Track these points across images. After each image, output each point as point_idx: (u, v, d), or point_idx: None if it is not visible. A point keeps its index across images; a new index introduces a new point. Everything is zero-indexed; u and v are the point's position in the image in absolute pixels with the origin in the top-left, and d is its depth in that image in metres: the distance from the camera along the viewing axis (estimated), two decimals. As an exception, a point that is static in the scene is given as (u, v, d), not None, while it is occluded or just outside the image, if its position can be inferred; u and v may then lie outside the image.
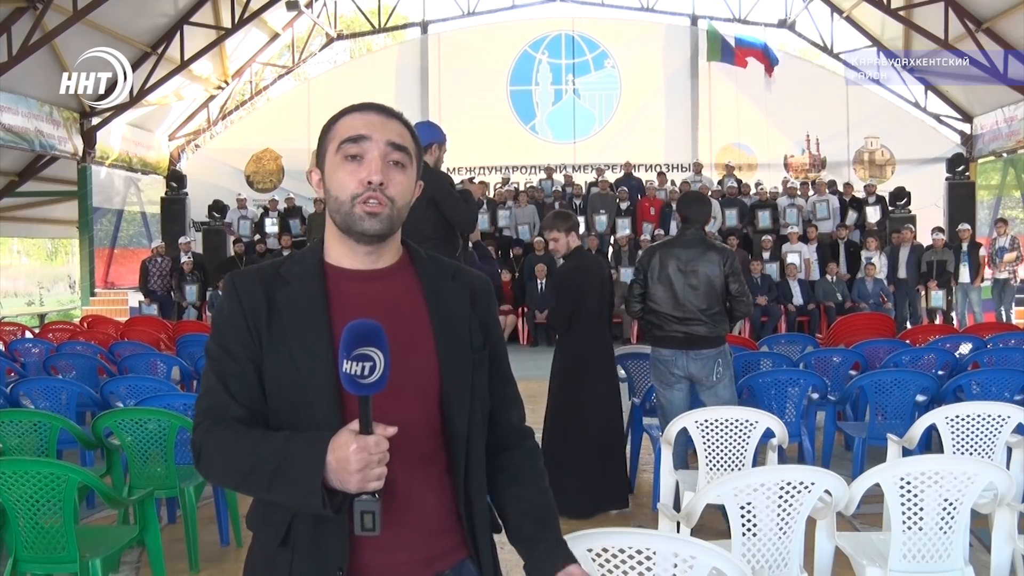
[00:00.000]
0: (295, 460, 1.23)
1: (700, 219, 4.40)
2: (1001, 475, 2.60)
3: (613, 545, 1.86)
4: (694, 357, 4.23)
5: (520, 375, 1.55)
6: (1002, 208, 16.09)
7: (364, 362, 1.18)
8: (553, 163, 16.13)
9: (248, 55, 17.53)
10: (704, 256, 4.24)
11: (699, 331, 4.22)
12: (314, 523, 1.31)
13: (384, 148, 1.34)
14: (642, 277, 4.36)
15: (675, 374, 4.28)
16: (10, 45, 11.44)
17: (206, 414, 1.34)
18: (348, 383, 1.19)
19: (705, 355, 4.22)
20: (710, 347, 4.23)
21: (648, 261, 4.36)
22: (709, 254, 4.25)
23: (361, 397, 1.19)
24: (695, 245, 4.27)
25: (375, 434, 1.20)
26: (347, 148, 1.34)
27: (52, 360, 6.32)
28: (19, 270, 25.89)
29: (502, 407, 1.49)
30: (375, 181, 1.33)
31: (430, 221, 3.98)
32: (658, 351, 4.34)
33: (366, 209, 1.33)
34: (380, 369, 1.18)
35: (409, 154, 1.38)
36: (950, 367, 5.61)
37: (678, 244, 4.32)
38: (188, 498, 3.81)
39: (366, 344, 1.18)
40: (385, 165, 1.34)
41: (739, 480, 2.43)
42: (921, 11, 14.09)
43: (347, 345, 1.18)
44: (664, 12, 17.70)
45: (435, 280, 1.42)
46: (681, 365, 4.25)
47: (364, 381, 1.18)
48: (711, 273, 4.21)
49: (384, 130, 1.36)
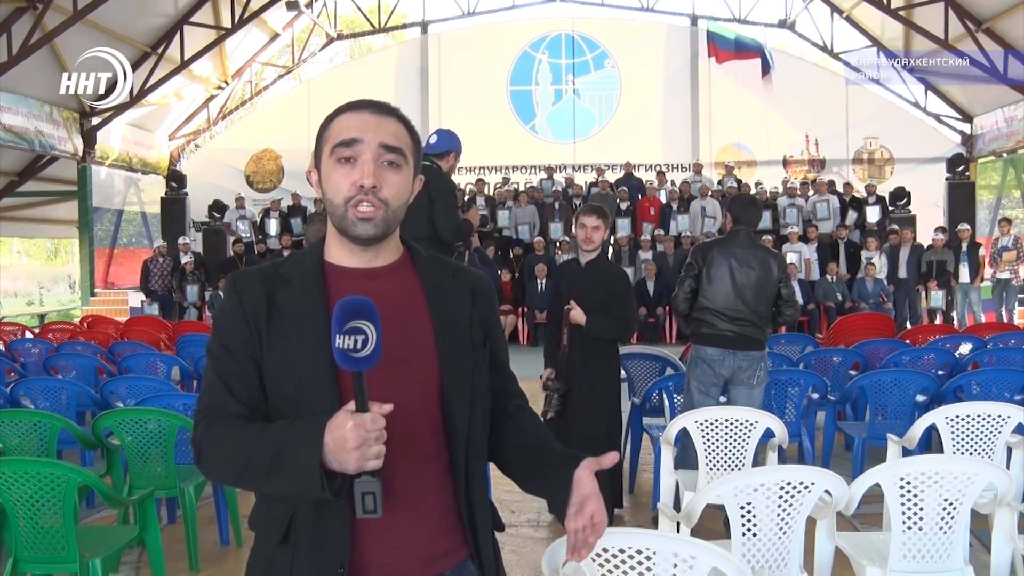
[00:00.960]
0: (292, 445, 1.23)
1: (752, 221, 4.37)
2: (1001, 475, 2.60)
3: (613, 545, 1.86)
4: (742, 358, 4.20)
5: (520, 375, 1.55)
6: (1002, 208, 16.09)
7: (356, 335, 1.18)
8: (553, 163, 16.14)
9: (248, 55, 17.54)
10: (759, 259, 4.22)
11: (748, 332, 4.20)
12: (314, 520, 1.31)
13: (377, 150, 1.34)
14: (695, 273, 4.29)
15: (719, 374, 4.23)
16: (10, 45, 11.44)
17: (206, 412, 1.35)
18: (341, 358, 1.19)
19: (752, 356, 4.21)
20: (756, 349, 4.22)
21: (703, 258, 4.28)
22: (765, 258, 4.24)
23: (355, 374, 1.20)
24: (749, 247, 4.25)
25: (371, 411, 1.20)
26: (340, 152, 1.34)
27: (52, 360, 6.32)
28: (19, 270, 25.88)
29: (504, 399, 1.50)
30: (367, 185, 1.32)
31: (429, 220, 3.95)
32: (703, 350, 4.25)
33: (358, 214, 1.33)
34: (372, 343, 1.19)
35: (404, 154, 1.37)
36: (950, 367, 5.61)
37: (734, 244, 4.27)
38: (188, 498, 3.81)
39: (357, 318, 1.19)
40: (378, 167, 1.34)
41: (739, 480, 2.43)
42: (921, 11, 14.09)
43: (339, 320, 1.19)
44: (664, 12, 17.70)
45: (436, 278, 1.43)
46: (728, 365, 4.21)
47: (357, 355, 1.18)
48: (766, 276, 4.20)
49: (377, 131, 1.35)
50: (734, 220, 4.38)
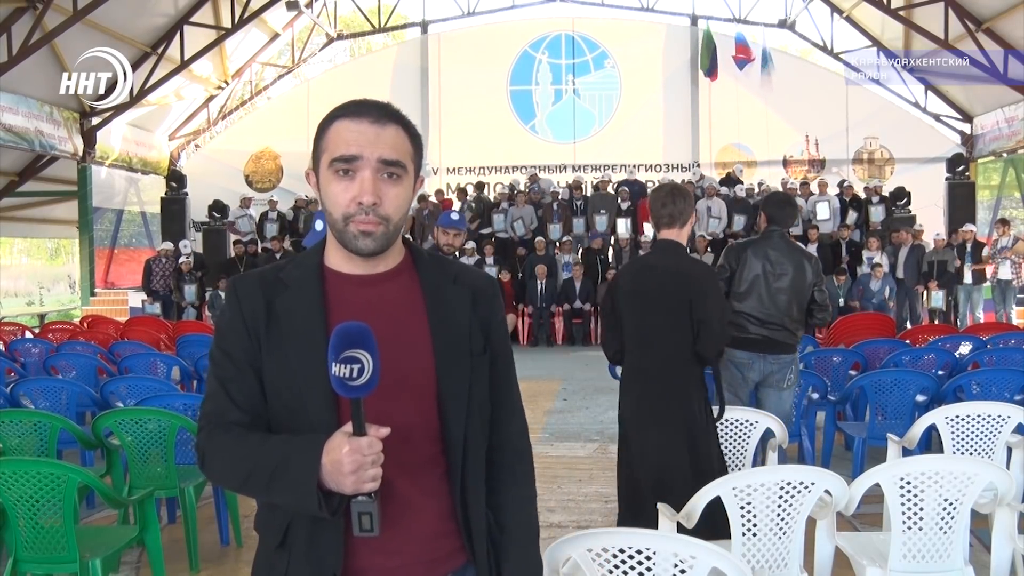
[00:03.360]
0: (291, 463, 1.24)
1: (786, 222, 4.23)
2: (1001, 475, 2.59)
3: (613, 545, 1.86)
4: (772, 361, 4.08)
5: (520, 375, 1.55)
6: (1002, 208, 16.09)
7: (352, 364, 1.17)
8: (552, 163, 16.13)
9: (248, 55, 17.53)
10: (794, 261, 4.08)
11: (778, 336, 4.08)
12: (310, 526, 1.31)
13: (376, 166, 1.31)
14: (727, 276, 4.12)
15: (749, 378, 4.11)
16: (10, 45, 11.44)
17: (208, 418, 1.35)
18: (338, 386, 1.18)
19: (783, 360, 4.10)
20: (787, 352, 4.12)
21: (736, 259, 4.12)
22: (800, 260, 4.10)
23: (352, 399, 1.19)
24: (783, 248, 4.11)
25: (368, 435, 1.20)
26: (339, 166, 1.32)
27: (52, 360, 6.32)
28: (19, 270, 25.88)
29: (502, 414, 1.47)
30: (367, 203, 1.30)
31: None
32: (733, 353, 4.07)
33: (360, 228, 1.31)
34: (369, 371, 1.18)
35: (403, 166, 1.34)
36: (950, 367, 5.61)
37: (767, 245, 4.12)
38: (188, 498, 3.81)
39: (354, 347, 1.18)
40: (378, 181, 1.31)
41: (739, 480, 2.43)
42: (921, 11, 14.08)
43: (335, 348, 1.18)
44: (664, 12, 17.69)
45: (436, 283, 1.41)
46: (758, 369, 4.09)
47: (353, 384, 1.18)
48: (800, 280, 4.07)
49: (376, 145, 1.31)
50: (768, 220, 4.22)
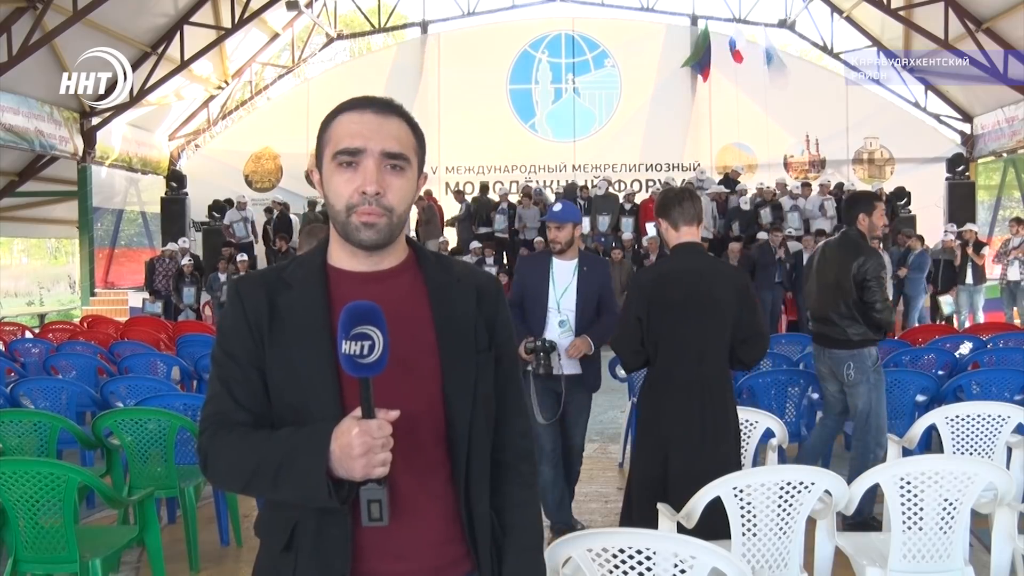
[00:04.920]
0: (299, 453, 1.23)
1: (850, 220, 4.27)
2: (1001, 475, 2.60)
3: (613, 545, 1.86)
4: (828, 355, 4.28)
5: (520, 375, 1.55)
6: (1002, 208, 16.06)
7: (363, 341, 1.17)
8: (552, 163, 16.13)
9: (248, 55, 17.53)
10: (840, 258, 4.18)
11: (826, 330, 4.25)
12: (317, 528, 1.30)
13: (379, 158, 1.32)
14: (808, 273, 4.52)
15: (820, 370, 4.41)
16: (10, 45, 11.43)
17: (211, 420, 1.34)
18: (347, 364, 1.18)
19: (837, 355, 4.22)
20: (841, 348, 4.20)
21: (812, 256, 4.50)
22: (845, 258, 4.15)
23: (362, 380, 1.19)
24: (839, 245, 4.27)
25: (377, 418, 1.19)
26: (342, 158, 1.32)
27: (52, 360, 6.32)
28: (19, 270, 25.89)
29: (506, 413, 1.46)
30: (370, 192, 1.30)
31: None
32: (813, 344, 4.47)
33: (362, 219, 1.31)
34: (379, 349, 1.18)
35: (407, 158, 1.35)
36: (950, 367, 5.60)
37: (832, 242, 4.40)
38: (188, 498, 3.81)
39: (364, 323, 1.18)
40: (381, 171, 1.32)
41: (739, 480, 2.43)
42: (921, 11, 14.08)
43: (345, 325, 1.18)
44: (664, 12, 17.69)
45: (440, 281, 1.41)
46: (824, 361, 4.33)
47: (364, 361, 1.17)
48: (840, 275, 4.15)
49: (379, 137, 1.32)
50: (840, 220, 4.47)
